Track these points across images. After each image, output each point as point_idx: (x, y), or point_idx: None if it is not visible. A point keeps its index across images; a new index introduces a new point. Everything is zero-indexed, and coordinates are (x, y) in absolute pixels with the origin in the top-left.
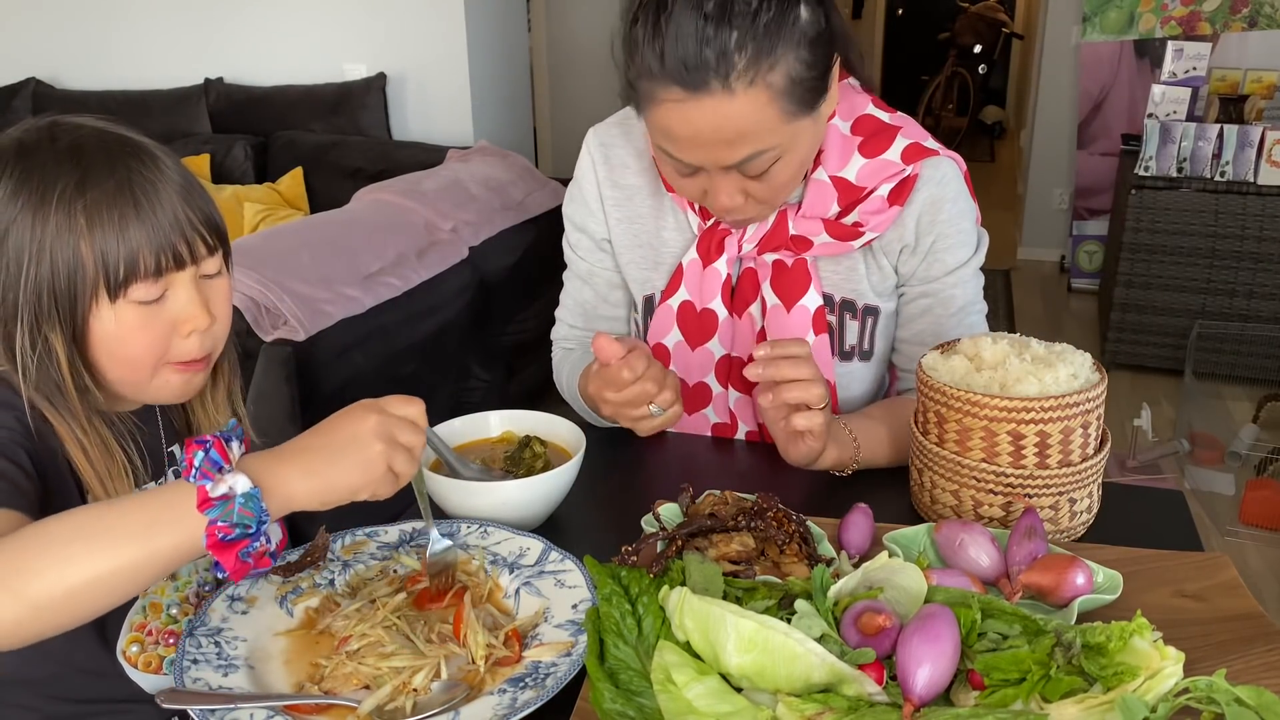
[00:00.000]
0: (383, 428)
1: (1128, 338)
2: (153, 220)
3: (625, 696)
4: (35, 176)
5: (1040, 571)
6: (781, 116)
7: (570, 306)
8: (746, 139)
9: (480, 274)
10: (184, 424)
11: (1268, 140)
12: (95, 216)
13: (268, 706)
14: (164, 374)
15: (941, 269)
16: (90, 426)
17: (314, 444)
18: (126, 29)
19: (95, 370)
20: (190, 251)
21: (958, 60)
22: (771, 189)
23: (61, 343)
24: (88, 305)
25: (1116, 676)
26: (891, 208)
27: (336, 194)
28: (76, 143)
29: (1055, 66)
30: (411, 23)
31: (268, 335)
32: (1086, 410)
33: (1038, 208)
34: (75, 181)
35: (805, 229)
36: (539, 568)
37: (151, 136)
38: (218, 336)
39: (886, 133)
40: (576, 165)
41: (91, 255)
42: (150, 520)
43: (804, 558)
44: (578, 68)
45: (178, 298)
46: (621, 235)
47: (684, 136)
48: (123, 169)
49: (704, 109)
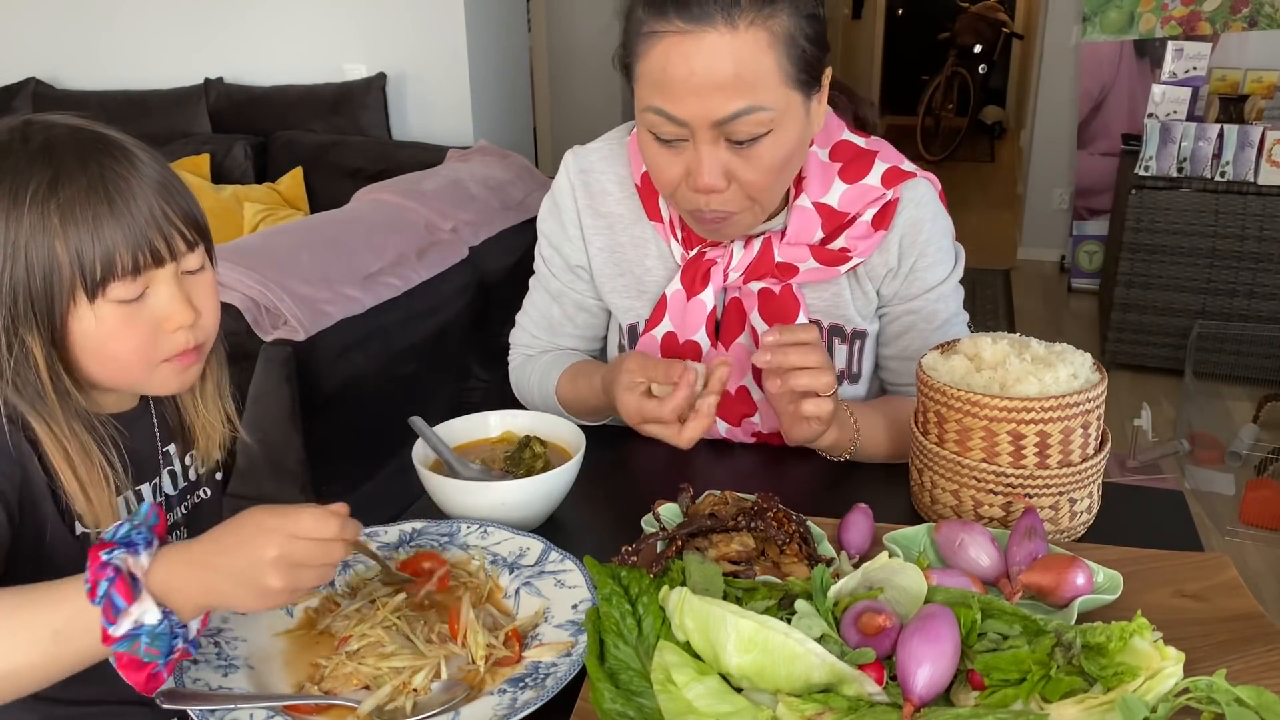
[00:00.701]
0: (282, 563)
1: (1128, 338)
2: (128, 218)
3: (625, 696)
4: (7, 177)
5: (1040, 571)
6: (777, 73)
7: (536, 319)
8: (741, 88)
9: (480, 274)
10: (177, 422)
11: (1268, 140)
12: (69, 215)
13: (268, 706)
14: (161, 370)
15: (922, 287)
16: (70, 432)
17: (216, 563)
18: (126, 29)
19: (79, 372)
20: (169, 248)
21: (958, 60)
22: (755, 173)
23: (39, 346)
24: (65, 306)
25: (1116, 676)
26: (876, 232)
27: (336, 194)
28: (49, 141)
29: (1055, 66)
30: (411, 23)
31: (268, 335)
32: (1086, 410)
33: (1038, 208)
34: (48, 180)
35: (791, 255)
36: (539, 568)
37: (151, 136)
38: (207, 328)
39: (864, 158)
40: (554, 182)
41: (67, 255)
42: (58, 629)
43: (804, 558)
44: (578, 68)
45: (159, 295)
46: (603, 264)
47: (680, 77)
48: (95, 166)
49: (704, 44)
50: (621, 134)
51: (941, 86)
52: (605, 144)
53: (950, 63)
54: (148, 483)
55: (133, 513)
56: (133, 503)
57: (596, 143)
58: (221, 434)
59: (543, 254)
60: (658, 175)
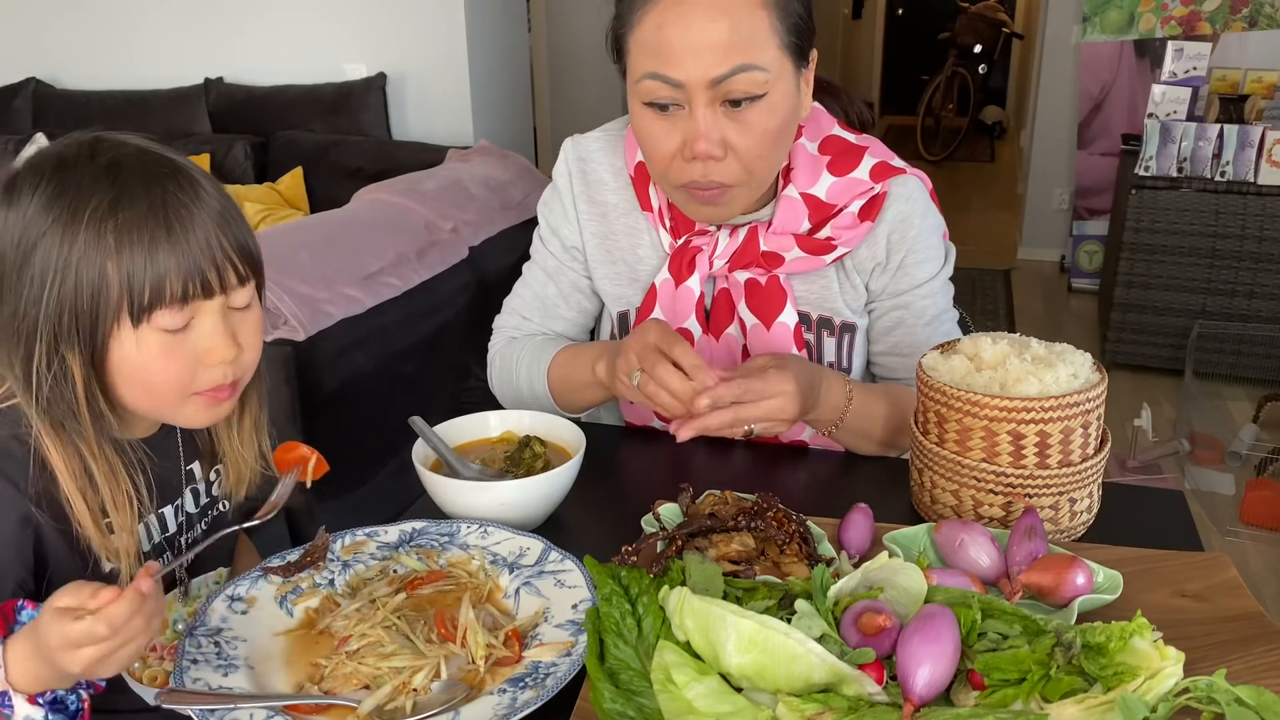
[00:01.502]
0: (51, 637)
1: (1128, 338)
2: (184, 246)
3: (625, 696)
4: (70, 192)
5: (1040, 571)
6: (772, 33)
7: (528, 299)
8: (736, 45)
9: (480, 274)
10: (208, 446)
11: (1268, 140)
12: (125, 237)
13: (268, 706)
14: (192, 402)
15: (911, 283)
16: (100, 453)
17: (35, 649)
18: (126, 29)
19: (112, 395)
20: (220, 280)
21: (958, 60)
22: (751, 139)
23: (79, 364)
24: (109, 328)
25: (1116, 676)
26: (862, 224)
27: (336, 194)
28: (115, 161)
29: (1055, 66)
30: (411, 23)
31: (268, 335)
32: (1086, 410)
33: (1038, 208)
34: (109, 200)
35: (776, 245)
36: (539, 568)
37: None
38: (246, 365)
39: (854, 152)
40: (554, 169)
41: (118, 276)
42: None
43: (804, 558)
44: (578, 68)
45: (203, 327)
46: (596, 250)
47: (675, 39)
48: (158, 190)
49: (700, 5)
50: (620, 125)
51: (941, 86)
52: (603, 134)
53: (950, 63)
54: (170, 504)
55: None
56: (154, 527)
57: (595, 132)
58: (254, 470)
59: (541, 234)
60: (652, 150)
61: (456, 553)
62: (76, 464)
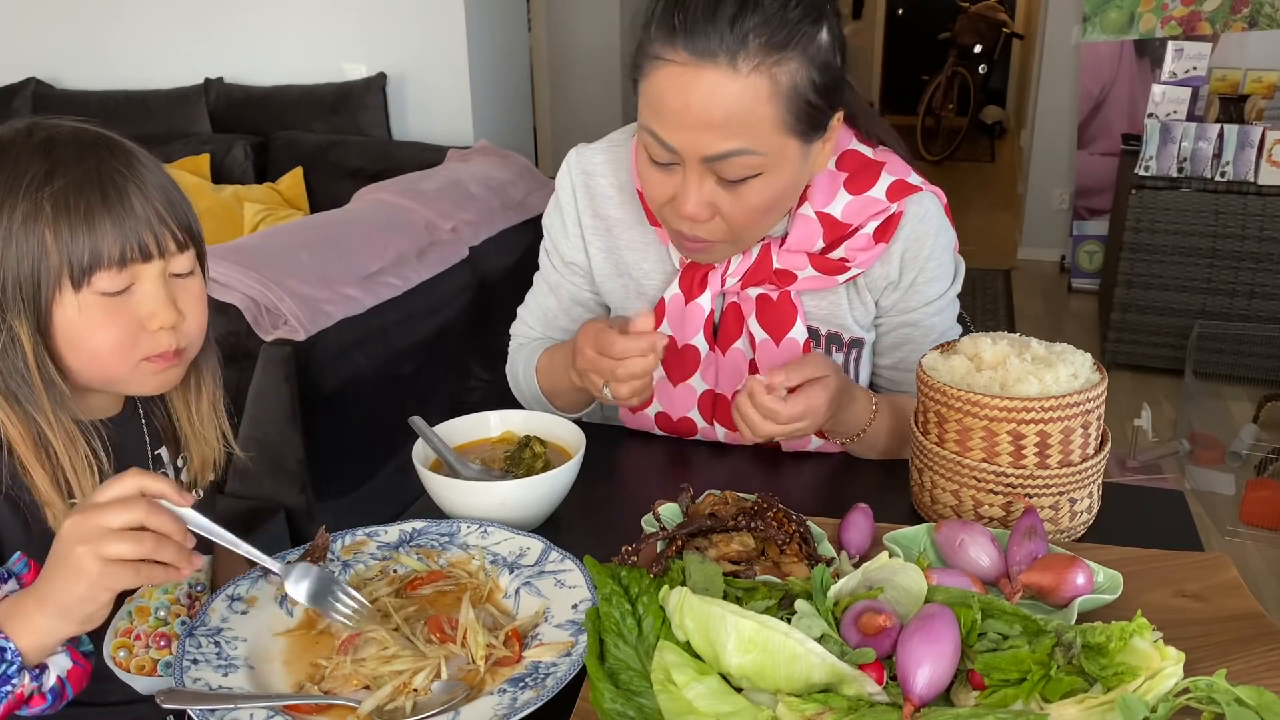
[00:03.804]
0: (77, 529)
1: (1128, 338)
2: (120, 211)
3: (625, 696)
4: (6, 168)
5: (1040, 571)
6: (775, 122)
7: (534, 309)
8: (734, 129)
9: (480, 274)
10: (170, 434)
11: (1268, 140)
12: (61, 204)
13: (268, 706)
14: (141, 369)
15: (920, 300)
16: (57, 420)
17: (41, 575)
18: (126, 29)
19: (62, 365)
20: (158, 245)
21: (958, 60)
22: (741, 210)
23: (26, 332)
24: (51, 294)
25: (1116, 676)
26: (877, 245)
27: (336, 194)
28: (50, 137)
29: (1055, 66)
30: (411, 23)
31: (268, 335)
32: (1086, 410)
33: (1038, 208)
34: (44, 170)
35: (789, 263)
36: (539, 568)
37: (151, 136)
38: (190, 334)
39: (871, 169)
40: (557, 179)
41: (56, 243)
42: None
43: (804, 558)
44: (578, 68)
45: (144, 292)
46: (602, 264)
47: (674, 109)
48: (92, 160)
49: (702, 80)
50: (625, 137)
51: (941, 86)
52: (608, 146)
53: (950, 63)
54: None
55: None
56: None
57: (600, 144)
58: (216, 450)
59: (545, 247)
60: (648, 191)
61: (456, 553)
62: (31, 434)
